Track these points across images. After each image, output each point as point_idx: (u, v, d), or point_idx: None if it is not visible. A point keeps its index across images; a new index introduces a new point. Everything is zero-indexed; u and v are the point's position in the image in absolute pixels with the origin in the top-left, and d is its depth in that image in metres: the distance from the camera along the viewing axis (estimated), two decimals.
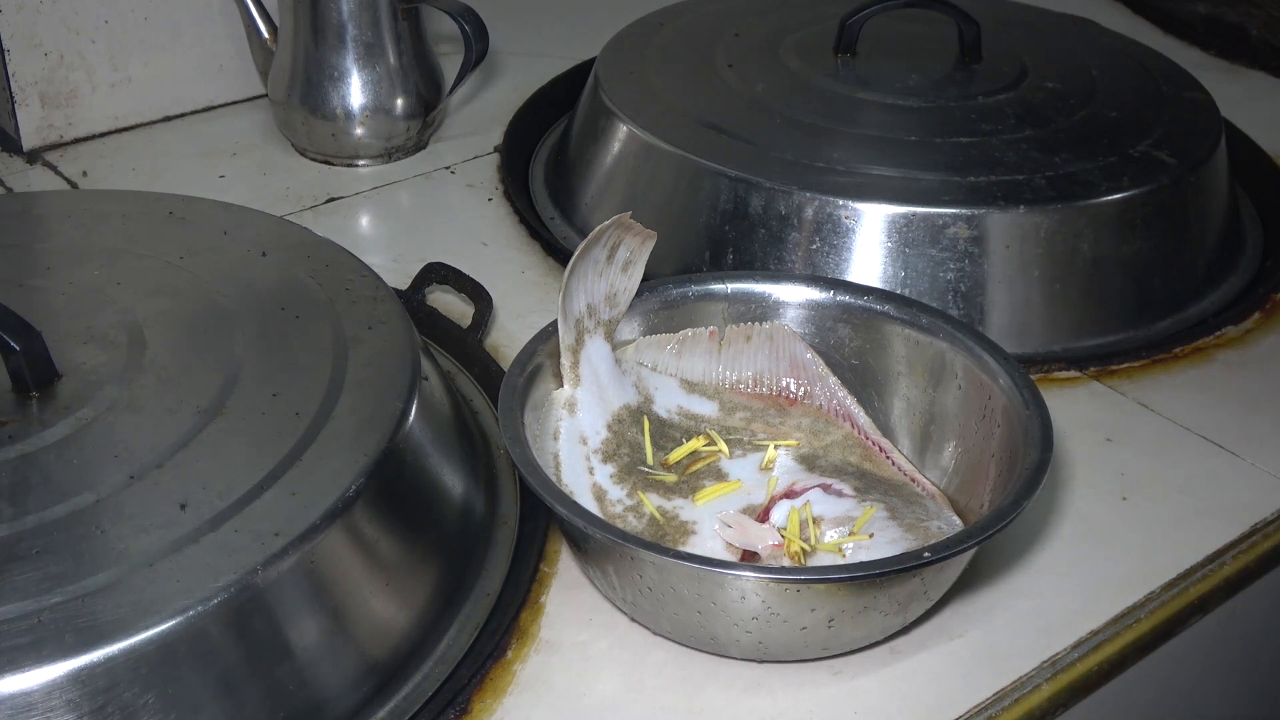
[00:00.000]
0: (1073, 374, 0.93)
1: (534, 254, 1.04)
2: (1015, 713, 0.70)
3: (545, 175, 1.16)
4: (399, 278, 0.94)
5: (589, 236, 0.78)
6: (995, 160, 0.99)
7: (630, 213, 0.80)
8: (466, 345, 0.91)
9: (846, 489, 0.77)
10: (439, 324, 0.93)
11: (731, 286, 0.85)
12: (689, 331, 0.85)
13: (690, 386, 0.84)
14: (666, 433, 0.81)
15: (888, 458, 0.80)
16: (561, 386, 0.80)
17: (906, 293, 0.92)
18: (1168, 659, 0.61)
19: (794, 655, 0.70)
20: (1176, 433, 0.88)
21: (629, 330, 0.84)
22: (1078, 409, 0.75)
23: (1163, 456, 0.86)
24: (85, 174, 1.13)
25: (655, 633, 0.72)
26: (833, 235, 0.94)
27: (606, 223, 0.79)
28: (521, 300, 0.98)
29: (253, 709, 0.62)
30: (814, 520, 0.75)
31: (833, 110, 1.05)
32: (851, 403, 0.82)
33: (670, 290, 0.85)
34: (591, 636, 0.72)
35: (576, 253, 0.77)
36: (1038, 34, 1.19)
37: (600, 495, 0.77)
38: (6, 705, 0.56)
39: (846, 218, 0.94)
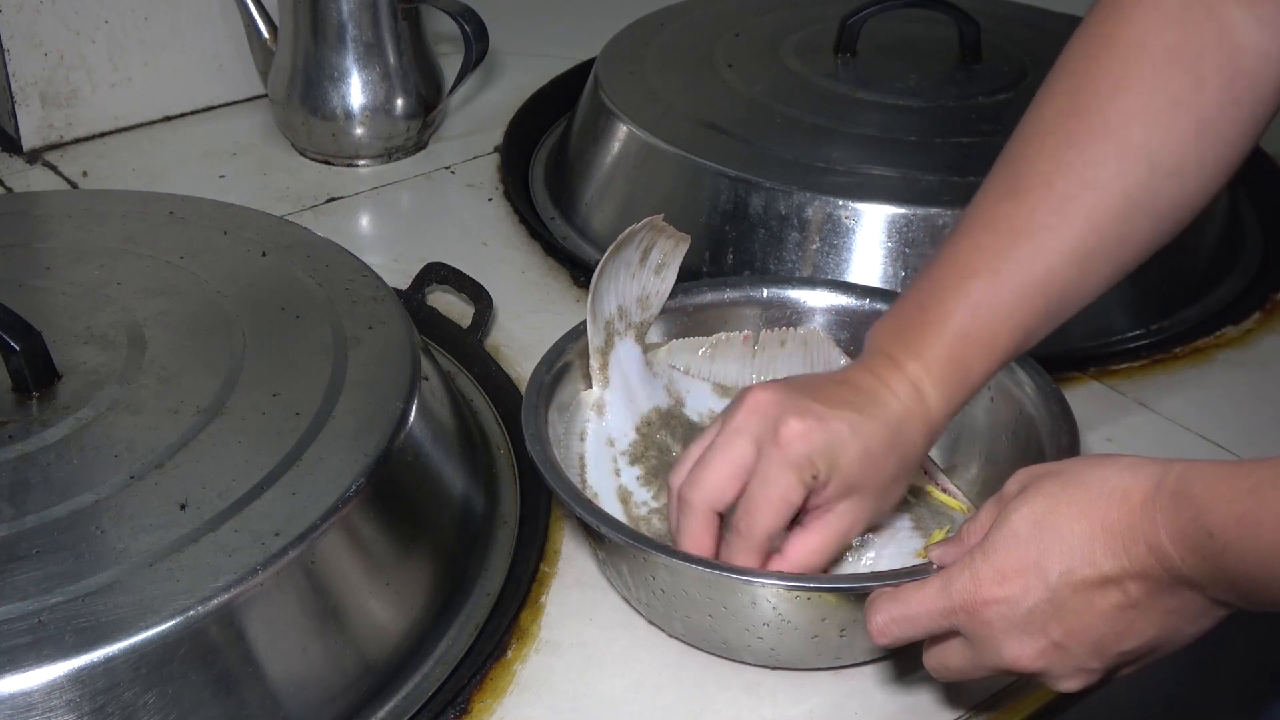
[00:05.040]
0: (1073, 374, 0.93)
1: (534, 254, 1.04)
2: (1015, 714, 0.70)
3: (545, 175, 1.16)
4: (399, 278, 0.94)
5: (619, 238, 0.78)
6: (991, 164, 0.99)
7: (663, 215, 0.80)
8: (466, 345, 0.91)
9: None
10: (439, 324, 0.93)
11: (767, 291, 0.85)
12: (722, 335, 0.85)
13: (724, 390, 0.84)
14: (698, 437, 0.81)
15: (920, 467, 0.80)
16: (590, 388, 0.80)
17: None
18: (1167, 660, 0.61)
19: (806, 663, 0.70)
20: (1176, 433, 0.88)
21: (660, 333, 0.84)
22: (1078, 409, 0.75)
23: (1162, 456, 0.86)
24: (85, 174, 1.13)
25: (669, 635, 0.72)
26: (833, 235, 0.94)
27: (638, 225, 0.78)
28: (521, 300, 0.98)
29: (252, 709, 0.62)
30: None
31: (833, 110, 1.05)
32: None
33: (704, 294, 0.85)
34: (592, 636, 0.72)
35: (605, 255, 0.77)
36: (1038, 34, 1.19)
37: (625, 497, 0.77)
38: (6, 705, 0.56)
39: (846, 218, 0.94)
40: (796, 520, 0.68)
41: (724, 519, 0.68)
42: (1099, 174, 0.67)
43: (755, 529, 0.66)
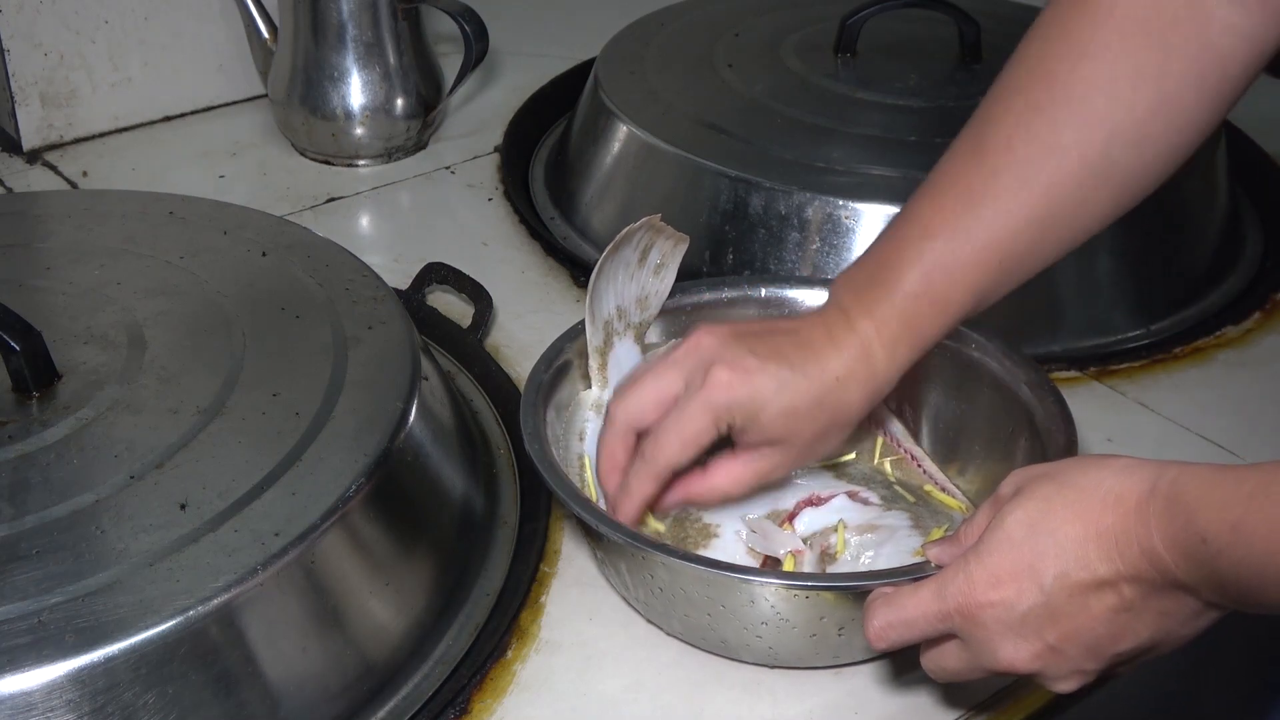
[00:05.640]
0: (1073, 374, 0.93)
1: (534, 254, 1.04)
2: (1014, 713, 0.70)
3: (545, 175, 1.16)
4: (399, 278, 0.94)
5: (617, 238, 0.77)
6: None
7: (661, 215, 0.80)
8: (466, 345, 0.91)
9: (873, 497, 0.76)
10: (439, 324, 0.93)
11: (765, 290, 0.85)
12: None
13: None
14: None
15: (919, 466, 0.80)
16: (589, 388, 0.80)
17: None
18: (1163, 658, 0.61)
19: (805, 662, 0.70)
20: (1176, 433, 0.88)
21: (659, 333, 0.84)
22: (1078, 409, 0.75)
23: (1163, 456, 0.85)
24: (85, 174, 1.13)
25: (668, 633, 0.72)
26: (833, 235, 0.94)
27: (636, 224, 0.78)
28: (521, 300, 0.98)
29: (252, 709, 0.62)
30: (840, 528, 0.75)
31: (833, 110, 1.05)
32: (884, 410, 0.81)
33: (703, 294, 0.85)
34: (592, 636, 0.72)
35: (603, 255, 0.77)
36: None
37: None
38: (6, 705, 0.56)
39: (846, 218, 0.94)
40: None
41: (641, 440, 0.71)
42: (1059, 140, 0.67)
43: (659, 456, 0.69)
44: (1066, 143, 0.67)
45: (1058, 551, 0.57)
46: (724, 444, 0.71)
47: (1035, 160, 0.68)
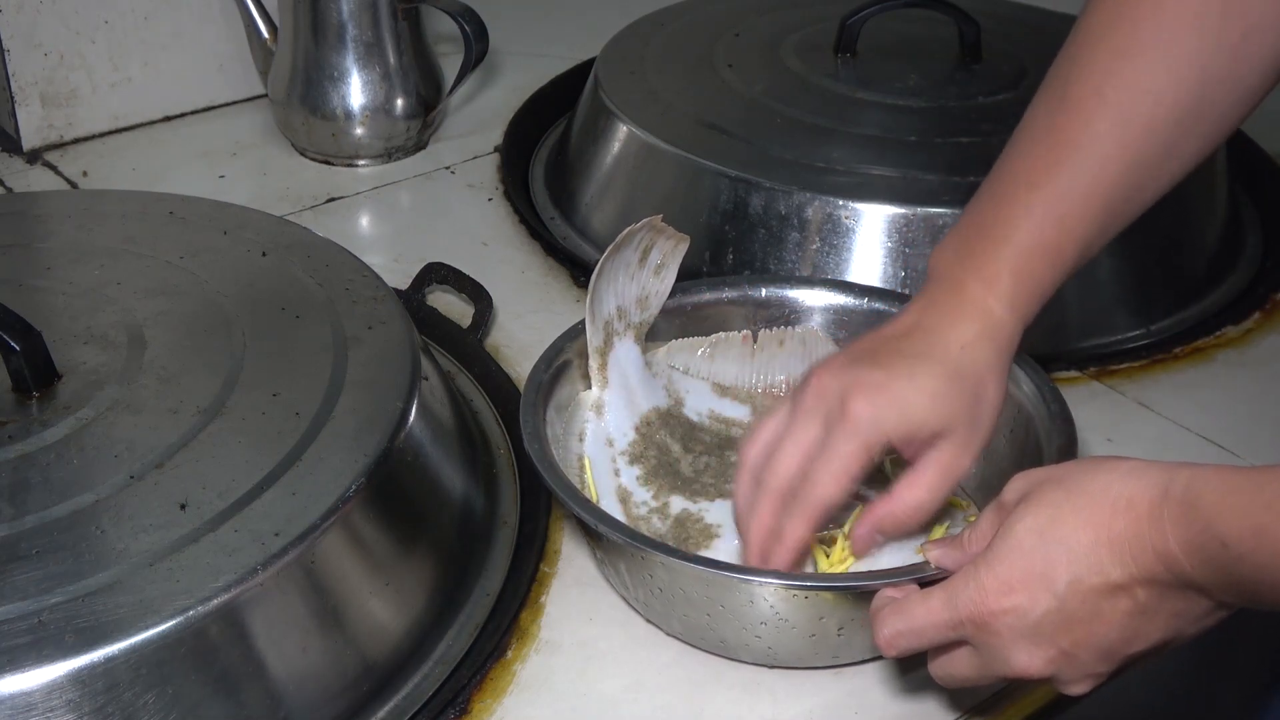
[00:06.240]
0: (1073, 374, 0.93)
1: (534, 254, 1.04)
2: (1015, 714, 0.70)
3: (545, 175, 1.16)
4: (399, 278, 0.94)
5: (618, 239, 0.78)
6: (995, 160, 0.99)
7: (662, 215, 0.80)
8: (466, 345, 0.91)
9: (873, 495, 0.76)
10: (439, 324, 0.93)
11: (765, 291, 0.85)
12: (721, 335, 0.85)
13: (723, 390, 0.84)
14: (697, 436, 0.81)
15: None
16: (589, 388, 0.80)
17: (907, 294, 0.92)
18: (1168, 657, 0.61)
19: (805, 662, 0.70)
20: (1176, 433, 0.88)
21: (659, 333, 0.84)
22: (1078, 409, 0.75)
23: (1163, 456, 0.85)
24: (85, 174, 1.13)
25: (668, 634, 0.72)
26: (833, 235, 0.94)
27: (637, 225, 0.78)
28: (521, 300, 0.98)
29: (253, 709, 0.62)
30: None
31: (833, 110, 1.05)
32: None
33: (703, 293, 0.85)
34: (592, 636, 0.72)
35: (604, 255, 0.77)
36: (1038, 34, 1.19)
37: (625, 497, 0.77)
38: (6, 705, 0.56)
39: (846, 218, 0.94)
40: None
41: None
42: (1152, 84, 0.67)
43: (813, 494, 0.67)
44: (1161, 86, 0.67)
45: (1070, 558, 0.57)
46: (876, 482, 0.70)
47: (1129, 105, 0.67)
